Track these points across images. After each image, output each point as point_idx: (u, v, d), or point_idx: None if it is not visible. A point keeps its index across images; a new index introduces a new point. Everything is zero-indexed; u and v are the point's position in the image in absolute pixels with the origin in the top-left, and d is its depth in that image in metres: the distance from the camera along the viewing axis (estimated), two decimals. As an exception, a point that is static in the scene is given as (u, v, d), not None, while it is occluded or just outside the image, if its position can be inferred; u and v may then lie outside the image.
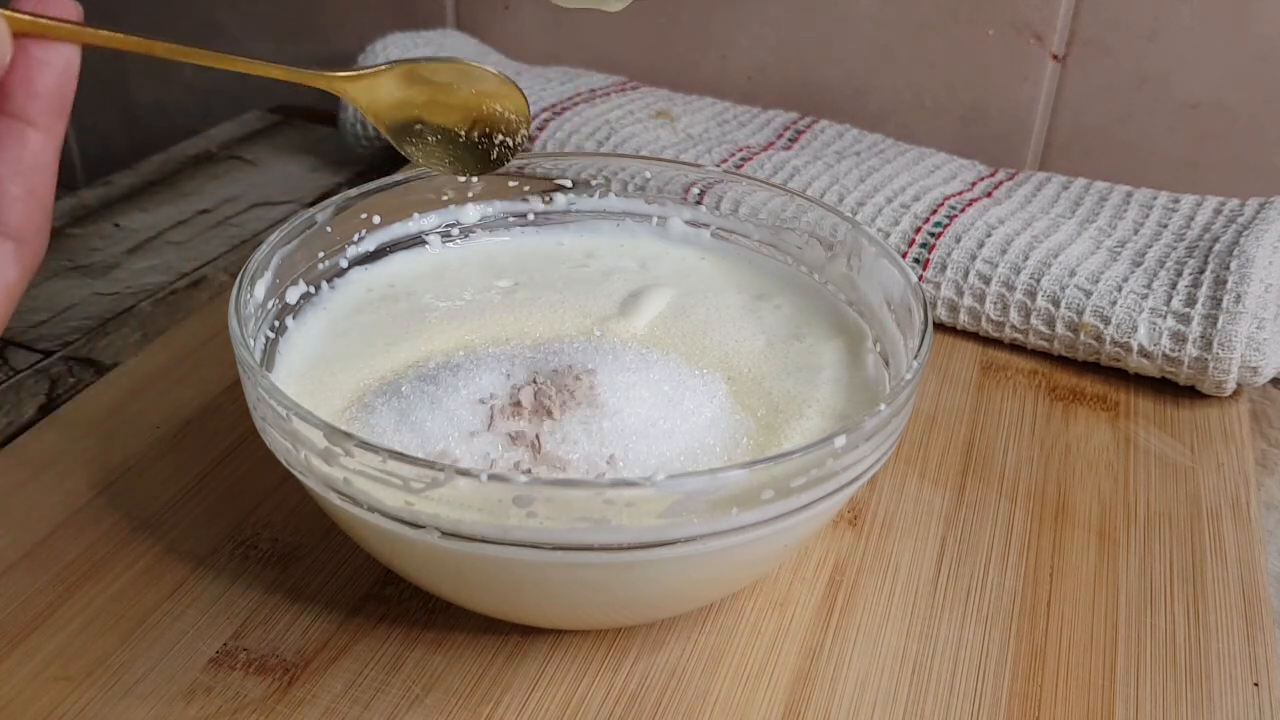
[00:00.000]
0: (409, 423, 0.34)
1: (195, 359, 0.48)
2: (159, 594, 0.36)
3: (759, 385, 0.38)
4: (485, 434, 0.33)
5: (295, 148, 0.72)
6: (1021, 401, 0.48)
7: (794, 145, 0.61)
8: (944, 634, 0.36)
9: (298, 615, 0.36)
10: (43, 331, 0.51)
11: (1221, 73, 0.59)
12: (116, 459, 0.42)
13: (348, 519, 0.31)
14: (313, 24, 0.80)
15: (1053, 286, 0.49)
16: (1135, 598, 0.38)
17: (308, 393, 0.37)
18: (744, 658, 0.35)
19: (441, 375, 0.35)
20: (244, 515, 0.39)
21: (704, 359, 0.39)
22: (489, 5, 0.75)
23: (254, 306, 0.36)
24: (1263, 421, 0.48)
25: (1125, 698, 0.34)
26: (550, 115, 0.62)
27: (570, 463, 0.32)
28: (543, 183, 0.46)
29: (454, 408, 0.34)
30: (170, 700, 0.33)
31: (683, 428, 0.34)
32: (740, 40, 0.69)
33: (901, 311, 0.38)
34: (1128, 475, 0.43)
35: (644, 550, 0.29)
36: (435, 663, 0.34)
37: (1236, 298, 0.46)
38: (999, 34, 0.63)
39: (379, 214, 0.43)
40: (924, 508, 0.41)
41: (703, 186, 0.46)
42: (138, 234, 0.60)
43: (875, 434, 0.31)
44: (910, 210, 0.53)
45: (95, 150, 0.94)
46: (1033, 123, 0.64)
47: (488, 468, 0.32)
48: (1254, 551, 0.40)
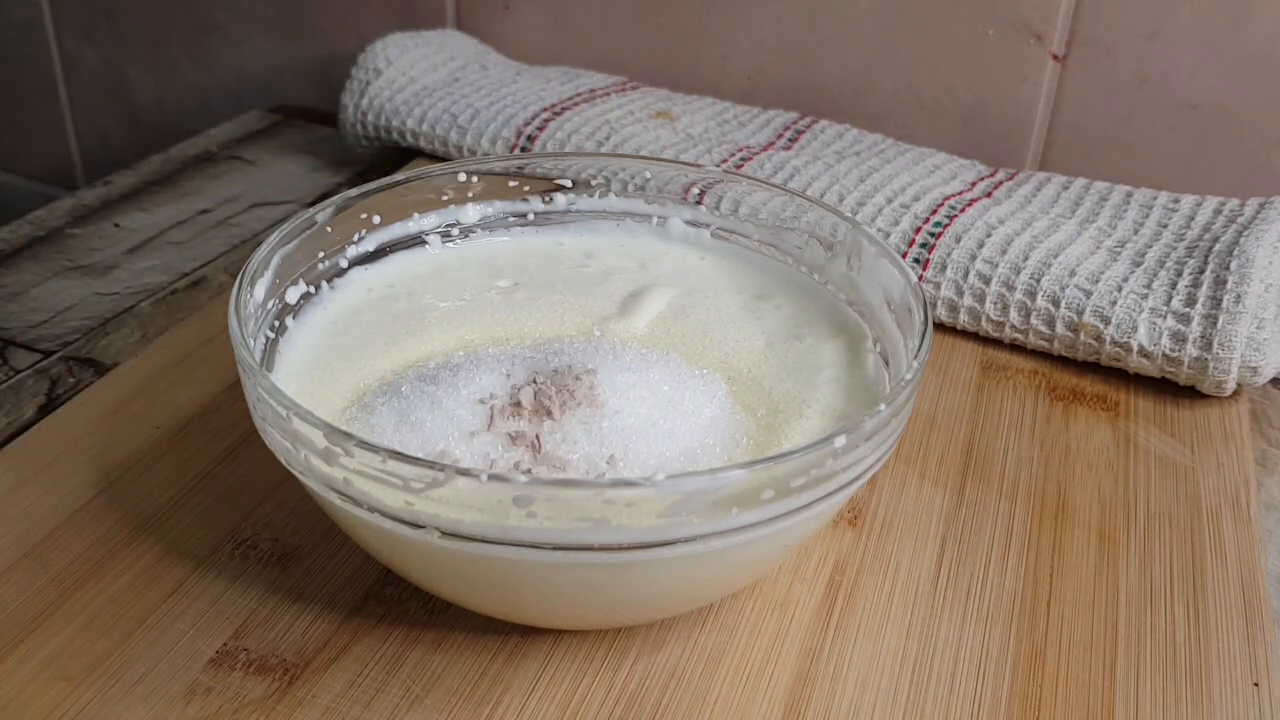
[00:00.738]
0: (409, 423, 0.34)
1: (195, 359, 0.48)
2: (159, 594, 0.36)
3: (759, 385, 0.38)
4: (485, 434, 0.33)
5: (295, 148, 0.72)
6: (1021, 401, 0.48)
7: (794, 145, 0.61)
8: (944, 634, 0.36)
9: (298, 615, 0.36)
10: (43, 331, 0.51)
11: (1221, 73, 0.59)
12: (116, 459, 0.42)
13: (348, 519, 0.31)
14: (313, 24, 0.80)
15: (1053, 286, 0.49)
16: (1135, 598, 0.38)
17: (308, 393, 0.37)
18: (744, 658, 0.35)
19: (441, 375, 0.35)
20: (244, 515, 0.39)
21: (704, 359, 0.39)
22: (489, 5, 0.75)
23: (254, 306, 0.36)
24: (1263, 421, 0.48)
25: (1125, 698, 0.34)
26: (550, 115, 0.62)
27: (570, 463, 0.32)
28: (543, 183, 0.46)
29: (454, 408, 0.34)
30: (170, 700, 0.33)
31: (683, 428, 0.34)
32: (740, 40, 0.69)
33: (901, 311, 0.38)
34: (1128, 475, 0.43)
35: (644, 550, 0.29)
36: (435, 663, 0.34)
37: (1236, 298, 0.46)
38: (999, 34, 0.63)
39: (379, 214, 0.43)
40: (924, 508, 0.41)
41: (703, 186, 0.46)
42: (138, 234, 0.60)
43: (875, 434, 0.31)
44: (910, 210, 0.53)
45: (95, 150, 0.94)
46: (1033, 123, 0.64)
47: (488, 468, 0.32)
48: (1254, 551, 0.40)
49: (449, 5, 0.76)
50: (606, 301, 0.42)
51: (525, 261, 0.44)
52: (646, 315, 0.41)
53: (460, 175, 0.44)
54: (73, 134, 0.94)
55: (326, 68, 0.81)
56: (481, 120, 0.62)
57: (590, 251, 0.45)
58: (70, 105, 0.92)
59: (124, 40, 0.87)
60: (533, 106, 0.63)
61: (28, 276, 0.55)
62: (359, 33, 0.78)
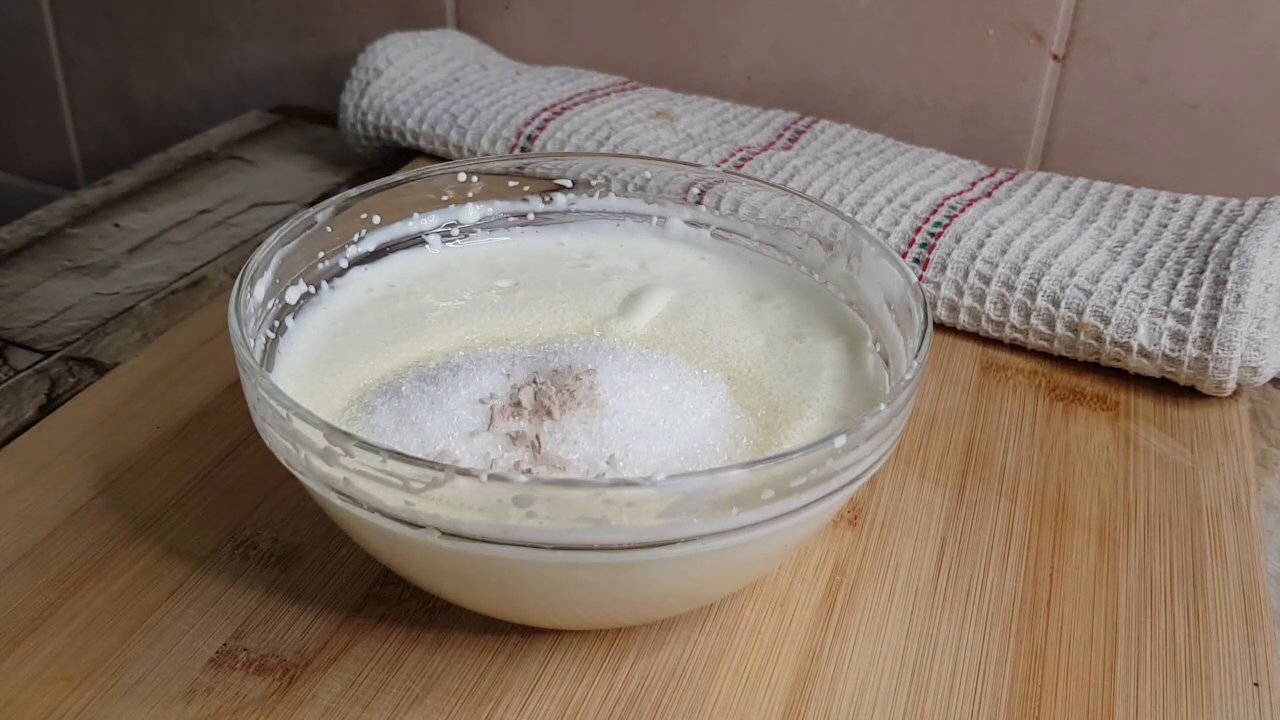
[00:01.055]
0: (409, 423, 0.34)
1: (195, 359, 0.48)
2: (159, 594, 0.36)
3: (759, 385, 0.38)
4: (485, 434, 0.33)
5: (295, 148, 0.72)
6: (1021, 401, 0.48)
7: (794, 145, 0.61)
8: (944, 634, 0.36)
9: (298, 615, 0.36)
10: (43, 331, 0.51)
11: (1221, 73, 0.59)
12: (116, 459, 0.42)
13: (348, 519, 0.31)
14: (313, 24, 0.80)
15: (1053, 286, 0.49)
16: (1135, 598, 0.38)
17: (308, 393, 0.37)
18: (744, 658, 0.35)
19: (441, 375, 0.35)
20: (244, 515, 0.39)
21: (704, 359, 0.39)
22: (489, 5, 0.75)
23: (254, 306, 0.36)
24: (1263, 421, 0.48)
25: (1125, 698, 0.34)
26: (550, 115, 0.62)
27: (570, 463, 0.32)
28: (543, 183, 0.46)
29: (454, 408, 0.34)
30: (170, 700, 0.33)
31: (683, 428, 0.34)
32: (740, 40, 0.69)
33: (901, 311, 0.38)
34: (1128, 475, 0.43)
35: (644, 550, 0.29)
36: (435, 663, 0.34)
37: (1236, 298, 0.46)
38: (999, 34, 0.63)
39: (379, 214, 0.43)
40: (924, 508, 0.41)
41: (703, 186, 0.46)
42: (138, 234, 0.60)
43: (875, 434, 0.31)
44: (910, 210, 0.53)
45: (95, 150, 0.94)
46: (1033, 123, 0.64)
47: (488, 468, 0.32)
48: (1254, 551, 0.40)
49: (449, 5, 0.76)
50: (606, 301, 0.42)
51: (525, 261, 0.44)
52: (646, 315, 0.41)
53: (460, 175, 0.44)
54: (73, 134, 0.94)
55: (326, 68, 0.81)
56: (481, 120, 0.62)
57: (590, 251, 0.45)
58: (70, 105, 0.92)
59: (124, 40, 0.87)
60: (533, 106, 0.63)
61: (28, 276, 0.55)
62: (359, 33, 0.78)
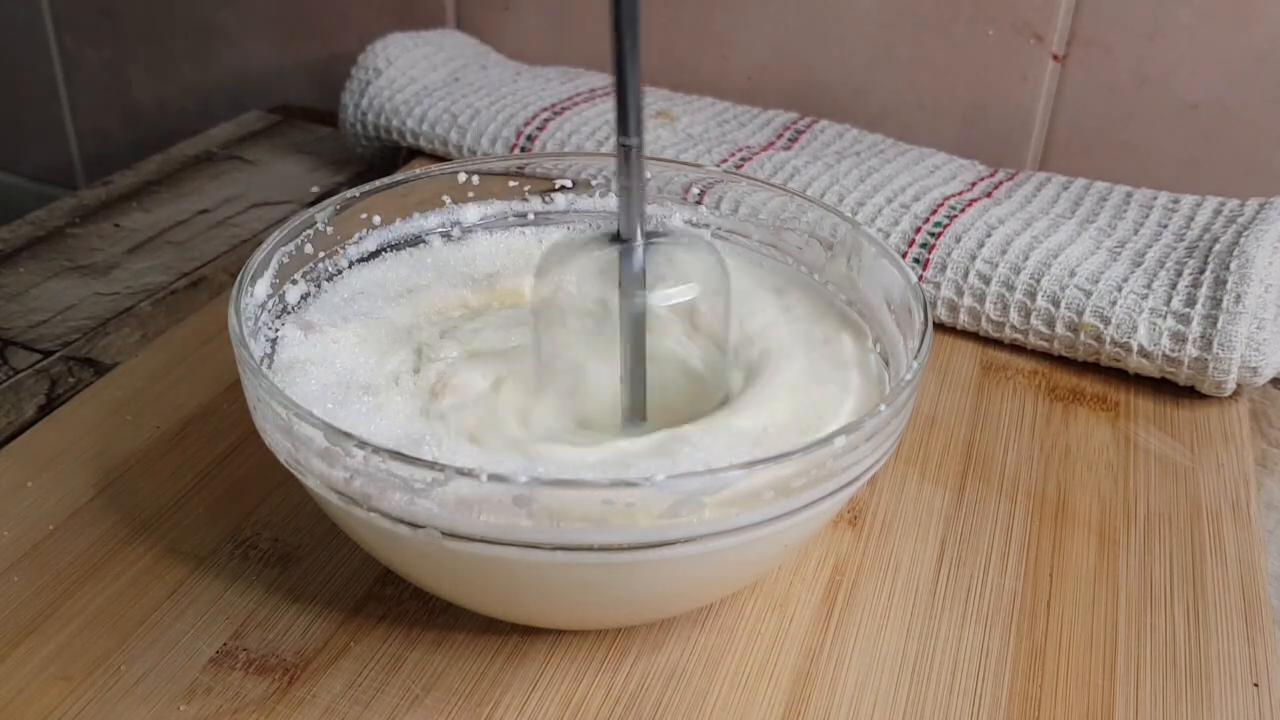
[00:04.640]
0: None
1: (195, 359, 0.48)
2: (159, 594, 0.36)
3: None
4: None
5: (295, 148, 0.72)
6: (1021, 401, 0.48)
7: (794, 145, 0.61)
8: (944, 634, 0.36)
9: (298, 615, 0.36)
10: (43, 331, 0.51)
11: (1221, 73, 0.59)
12: (116, 459, 0.42)
13: (348, 519, 0.31)
14: (313, 24, 0.80)
15: (1053, 286, 0.49)
16: (1135, 598, 0.38)
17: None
18: (744, 658, 0.35)
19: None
20: (244, 515, 0.39)
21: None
22: (489, 5, 0.75)
23: (254, 306, 0.36)
24: (1263, 421, 0.48)
25: (1125, 698, 0.34)
26: (550, 115, 0.62)
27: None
28: (543, 183, 0.46)
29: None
30: (170, 700, 0.33)
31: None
32: (740, 40, 0.69)
33: (901, 311, 0.38)
34: (1128, 475, 0.43)
35: (644, 550, 0.29)
36: (435, 663, 0.34)
37: (1236, 298, 0.46)
38: (999, 34, 0.63)
39: (379, 214, 0.43)
40: (924, 508, 0.41)
41: (703, 186, 0.46)
42: (138, 234, 0.60)
43: (875, 434, 0.31)
44: (910, 210, 0.53)
45: (95, 150, 0.94)
46: (1033, 123, 0.64)
47: (488, 468, 0.32)
48: (1254, 552, 0.40)
49: (449, 5, 0.76)
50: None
51: (525, 261, 0.44)
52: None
53: (460, 175, 0.44)
54: (73, 134, 0.94)
55: (326, 68, 0.81)
56: (481, 120, 0.62)
57: (590, 251, 0.45)
58: (70, 105, 0.92)
59: (124, 40, 0.86)
60: (533, 106, 0.63)
61: (28, 276, 0.55)
62: (359, 33, 0.78)
